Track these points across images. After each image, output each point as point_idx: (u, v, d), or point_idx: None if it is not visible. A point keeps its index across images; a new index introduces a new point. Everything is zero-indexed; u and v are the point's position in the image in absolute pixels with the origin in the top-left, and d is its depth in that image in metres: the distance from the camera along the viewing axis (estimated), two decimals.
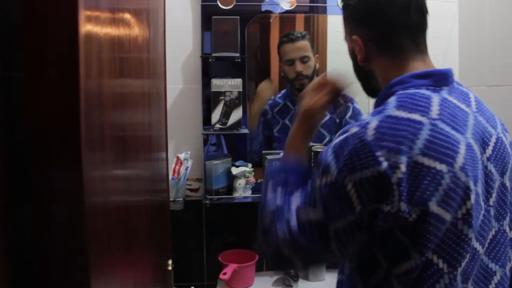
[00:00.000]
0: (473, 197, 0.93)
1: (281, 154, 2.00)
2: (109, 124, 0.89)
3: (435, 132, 0.93)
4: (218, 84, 1.96)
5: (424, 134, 0.92)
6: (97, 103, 0.79)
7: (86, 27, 0.71)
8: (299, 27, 2.22)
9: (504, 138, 1.08)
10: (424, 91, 1.00)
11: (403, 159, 0.90)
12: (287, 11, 2.07)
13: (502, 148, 1.06)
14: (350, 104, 2.18)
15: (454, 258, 0.93)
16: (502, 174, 1.05)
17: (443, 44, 2.25)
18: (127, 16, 1.05)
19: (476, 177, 0.95)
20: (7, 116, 0.68)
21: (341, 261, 1.14)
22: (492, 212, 1.01)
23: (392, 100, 1.00)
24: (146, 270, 1.26)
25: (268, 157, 2.02)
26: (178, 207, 1.97)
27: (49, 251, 0.69)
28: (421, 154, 0.90)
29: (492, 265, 1.02)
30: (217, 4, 1.98)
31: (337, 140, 0.98)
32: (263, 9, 2.09)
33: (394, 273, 0.96)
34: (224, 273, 1.89)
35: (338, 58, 2.19)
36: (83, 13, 0.69)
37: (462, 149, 0.93)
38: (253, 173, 2.03)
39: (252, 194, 2.04)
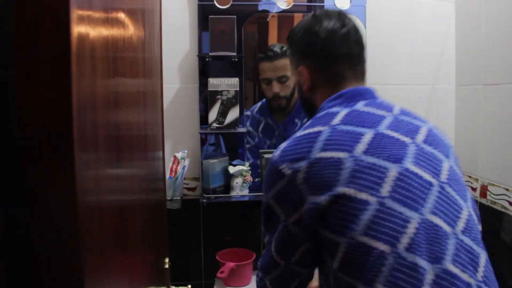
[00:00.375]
0: (392, 173, 1.00)
1: None
2: (103, 124, 0.89)
3: (333, 131, 1.06)
4: (215, 83, 1.96)
5: (323, 136, 1.06)
6: (90, 102, 0.79)
7: (78, 27, 0.71)
8: None
9: (437, 131, 1.18)
10: (334, 109, 1.15)
11: (303, 162, 1.04)
12: (284, 11, 2.07)
13: (436, 135, 1.15)
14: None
15: (391, 236, 0.96)
16: (447, 157, 1.12)
17: (439, 43, 2.25)
18: (122, 15, 1.05)
19: (398, 156, 1.03)
20: (0, 115, 0.68)
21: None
22: (449, 189, 1.05)
23: (304, 125, 1.16)
24: (142, 269, 1.27)
25: (265, 155, 2.02)
26: (175, 206, 1.98)
27: (42, 251, 0.69)
28: (321, 151, 1.03)
29: (475, 247, 1.02)
30: (214, 4, 1.99)
31: None
32: (260, 8, 2.09)
33: (334, 267, 1.03)
34: (222, 272, 1.89)
35: None
36: (75, 12, 0.69)
37: (366, 138, 1.04)
38: (250, 172, 2.03)
39: (249, 193, 2.05)
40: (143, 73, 1.31)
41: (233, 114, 1.98)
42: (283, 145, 1.12)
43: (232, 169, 2.01)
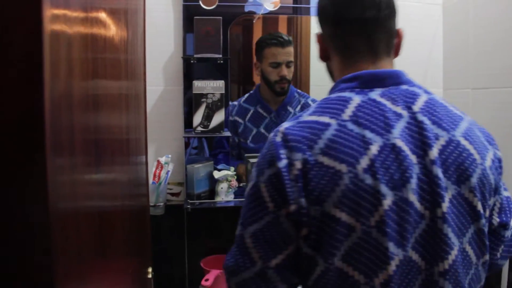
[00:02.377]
0: (387, 202, 0.89)
1: None
2: (81, 127, 0.85)
3: (340, 132, 0.92)
4: (200, 86, 1.93)
5: (328, 134, 0.92)
6: (66, 104, 0.76)
7: (52, 25, 0.68)
8: (282, 28, 2.20)
9: (465, 143, 0.98)
10: (346, 94, 0.99)
11: (299, 156, 0.91)
12: (270, 12, 2.04)
13: (457, 151, 0.96)
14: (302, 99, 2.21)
15: (370, 269, 0.89)
16: (457, 182, 0.95)
17: (427, 47, 2.24)
18: (102, 15, 1.02)
19: (399, 183, 0.90)
20: None
21: None
22: (443, 225, 0.92)
23: (312, 106, 1.02)
24: (123, 278, 1.23)
25: (251, 160, 1.99)
26: (158, 212, 1.93)
27: (11, 259, 0.66)
28: (321, 153, 0.91)
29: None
30: (199, 5, 1.95)
31: None
32: (246, 10, 2.06)
33: (308, 285, 0.95)
34: (206, 280, 1.85)
35: None
36: (48, 11, 0.66)
37: (372, 150, 0.90)
38: (235, 176, 2.00)
39: (234, 198, 2.01)
40: (125, 75, 1.27)
41: (219, 117, 1.94)
42: (285, 125, 0.98)
43: (217, 174, 1.97)
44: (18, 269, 0.66)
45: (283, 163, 0.92)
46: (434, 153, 0.94)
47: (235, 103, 2.17)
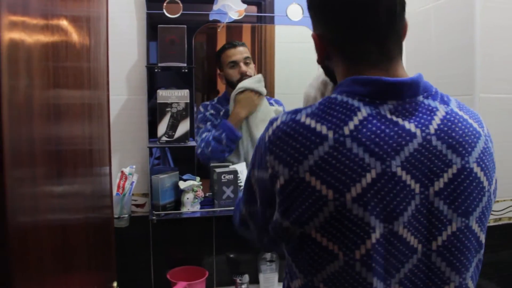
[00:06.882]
0: (375, 235, 0.82)
1: (230, 166, 1.99)
2: (41, 138, 0.83)
3: (335, 151, 0.82)
4: (164, 95, 1.90)
5: (321, 150, 0.82)
6: (25, 115, 0.73)
7: (10, 33, 0.66)
8: (246, 37, 2.19)
9: (477, 170, 0.89)
10: (354, 102, 0.87)
11: (286, 172, 0.84)
12: (235, 21, 2.03)
13: (468, 181, 0.88)
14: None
15: None
16: (465, 214, 0.88)
17: None
18: (64, 23, 0.99)
19: (393, 215, 0.83)
20: None
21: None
22: (436, 259, 0.87)
23: (316, 103, 0.90)
24: None
25: (217, 170, 1.97)
26: (123, 224, 1.89)
27: None
28: (309, 171, 0.82)
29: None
30: (163, 13, 1.92)
31: None
32: (210, 18, 2.04)
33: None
34: None
35: (286, 68, 2.18)
36: (6, 18, 0.64)
37: (368, 178, 0.81)
38: (201, 187, 1.97)
39: (200, 209, 1.98)
40: (88, 84, 1.24)
41: (184, 127, 1.92)
42: (280, 119, 0.90)
43: (182, 184, 1.94)
44: None
45: (268, 172, 0.88)
46: (440, 183, 0.86)
47: (207, 102, 2.16)
